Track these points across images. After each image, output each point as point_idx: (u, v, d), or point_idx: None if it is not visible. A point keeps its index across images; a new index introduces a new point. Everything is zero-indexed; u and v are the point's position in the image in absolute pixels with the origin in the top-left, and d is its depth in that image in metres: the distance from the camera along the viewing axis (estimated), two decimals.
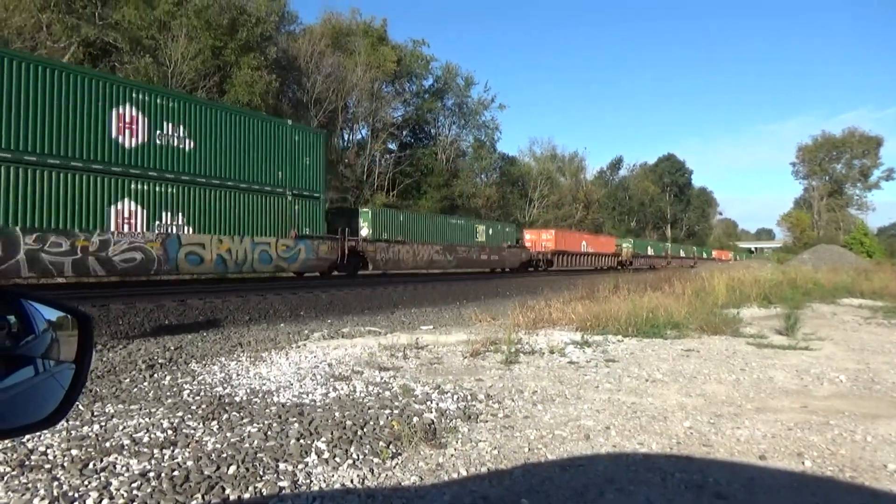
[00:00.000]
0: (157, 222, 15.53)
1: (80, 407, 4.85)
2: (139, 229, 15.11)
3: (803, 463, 3.71)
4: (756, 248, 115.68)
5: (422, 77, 57.09)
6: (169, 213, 15.80)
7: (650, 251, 66.55)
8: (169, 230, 15.78)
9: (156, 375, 6.31)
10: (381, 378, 5.99)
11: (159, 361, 7.19)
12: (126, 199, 14.83)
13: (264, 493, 3.19)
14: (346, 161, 46.56)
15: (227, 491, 3.20)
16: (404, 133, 56.68)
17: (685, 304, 11.45)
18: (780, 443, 4.09)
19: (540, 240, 43.29)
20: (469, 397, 5.19)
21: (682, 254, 76.72)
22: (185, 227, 16.23)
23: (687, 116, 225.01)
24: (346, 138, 50.68)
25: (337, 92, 43.56)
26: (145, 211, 15.29)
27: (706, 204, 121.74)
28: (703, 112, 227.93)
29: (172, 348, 8.21)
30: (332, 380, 5.91)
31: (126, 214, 14.82)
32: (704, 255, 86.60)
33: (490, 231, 36.48)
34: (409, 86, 56.13)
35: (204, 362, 7.12)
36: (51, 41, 27.96)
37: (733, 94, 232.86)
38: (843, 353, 8.07)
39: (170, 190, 15.81)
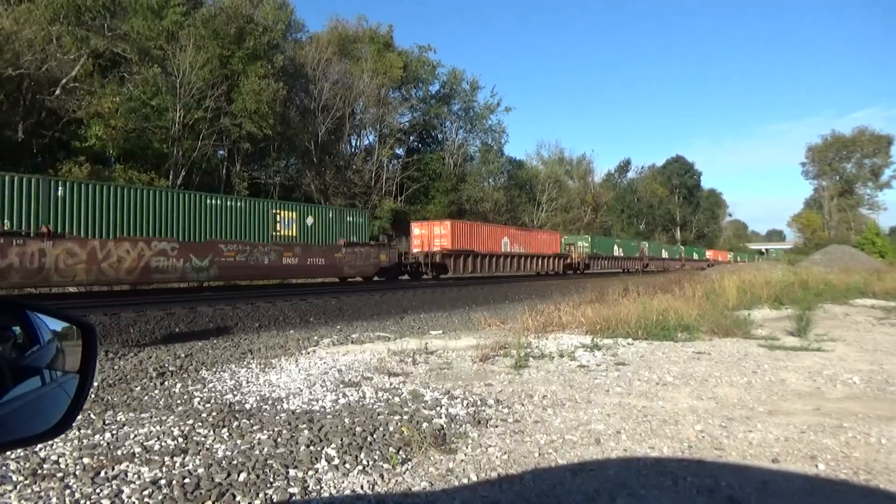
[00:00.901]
0: None
1: (92, 415, 4.88)
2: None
3: (817, 466, 3.67)
4: (766, 250, 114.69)
5: (428, 82, 57.21)
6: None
7: (618, 251, 53.18)
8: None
9: (166, 383, 6.33)
10: (391, 384, 5.99)
11: (170, 369, 7.22)
12: None
13: (275, 500, 3.20)
14: (354, 167, 46.68)
15: (238, 498, 3.21)
16: (411, 138, 56.75)
17: (695, 307, 11.38)
18: (792, 446, 4.05)
19: (432, 236, 31.21)
20: (479, 402, 5.18)
21: (665, 254, 63.58)
22: None
23: (695, 118, 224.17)
24: (353, 144, 50.91)
25: (344, 98, 43.69)
26: None
27: (716, 206, 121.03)
28: (711, 113, 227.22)
29: (183, 356, 8.24)
30: (341, 386, 5.91)
31: None
32: (696, 256, 75.09)
33: (309, 220, 23.10)
34: (416, 91, 56.24)
35: (214, 370, 7.14)
36: (60, 53, 28.21)
37: (742, 95, 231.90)
38: (856, 354, 7.99)
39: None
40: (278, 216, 21.50)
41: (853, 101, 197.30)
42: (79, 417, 1.04)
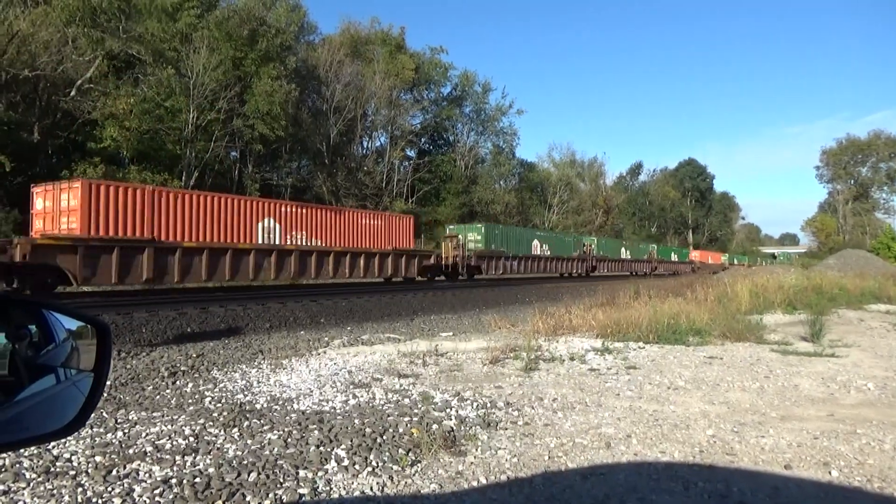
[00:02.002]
0: None
1: (104, 414, 4.92)
2: None
3: (830, 473, 3.64)
4: (775, 254, 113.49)
5: (440, 84, 57.38)
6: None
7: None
8: None
9: (178, 382, 6.38)
10: (401, 385, 5.99)
11: (181, 369, 7.27)
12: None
13: (284, 501, 3.21)
14: (366, 168, 46.83)
15: (248, 498, 3.22)
16: (423, 140, 56.90)
17: (707, 311, 11.31)
18: (805, 452, 4.02)
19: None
20: (489, 405, 5.17)
21: (627, 255, 50.30)
22: None
23: (708, 120, 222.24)
24: (365, 146, 51.08)
25: (356, 100, 43.86)
26: None
27: (728, 209, 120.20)
28: (724, 115, 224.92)
29: (194, 356, 8.29)
30: (351, 387, 5.93)
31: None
32: (675, 258, 60.96)
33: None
34: (428, 93, 56.42)
35: (225, 370, 7.18)
36: (76, 54, 28.51)
37: (755, 97, 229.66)
38: (870, 360, 7.90)
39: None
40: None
41: (869, 103, 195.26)
42: (92, 416, 1.05)
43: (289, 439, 4.15)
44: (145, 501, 3.18)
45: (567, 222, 66.33)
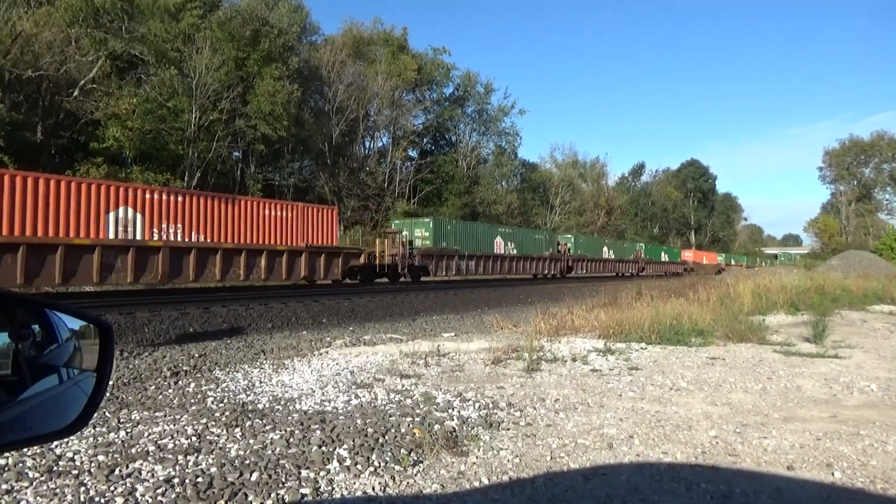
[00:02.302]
0: None
1: (107, 413, 4.93)
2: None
3: (833, 474, 3.63)
4: (776, 255, 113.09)
5: (442, 85, 57.36)
6: None
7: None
8: None
9: (180, 382, 6.38)
10: (403, 385, 5.99)
11: (184, 369, 7.28)
12: None
13: (287, 500, 3.21)
14: (368, 169, 46.85)
15: (250, 497, 3.22)
16: (425, 140, 56.90)
17: (709, 311, 11.29)
18: (808, 453, 4.01)
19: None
20: (491, 405, 5.17)
21: (610, 254, 46.35)
22: None
23: (711, 121, 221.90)
24: (367, 146, 51.09)
25: (358, 101, 43.87)
26: None
27: (731, 210, 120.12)
28: (727, 116, 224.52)
29: (197, 356, 8.30)
30: (353, 387, 5.93)
31: None
32: (665, 258, 57.33)
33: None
34: (430, 94, 56.40)
35: (227, 370, 7.19)
36: (79, 55, 28.56)
37: (758, 98, 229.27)
38: (873, 361, 7.89)
39: None
40: None
41: (872, 104, 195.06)
42: (94, 416, 1.05)
43: (291, 439, 4.15)
44: (148, 501, 3.18)
45: (569, 223, 66.28)
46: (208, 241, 18.21)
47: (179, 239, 17.60)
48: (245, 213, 19.52)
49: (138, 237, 16.72)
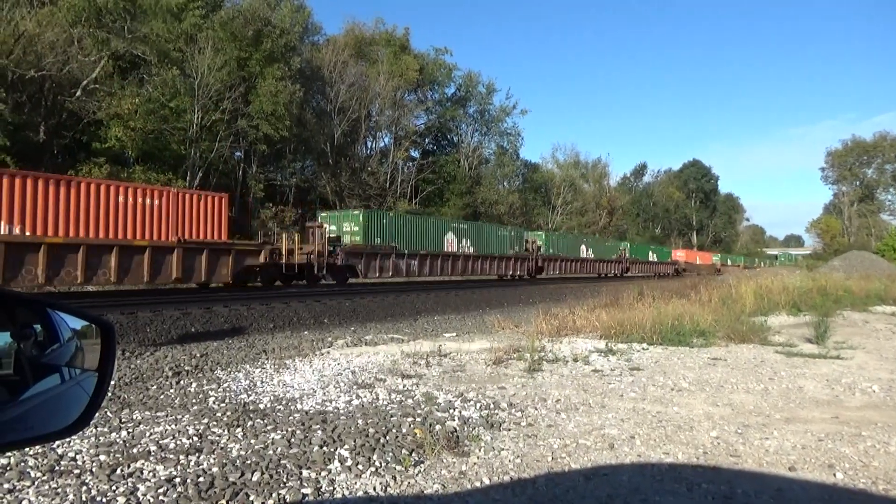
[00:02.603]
0: None
1: (108, 413, 4.93)
2: None
3: (834, 475, 3.62)
4: (776, 256, 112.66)
5: (444, 85, 57.42)
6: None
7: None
8: None
9: (182, 382, 6.39)
10: (404, 386, 6.00)
11: (185, 368, 7.28)
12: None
13: (288, 500, 3.21)
14: (370, 169, 46.87)
15: (252, 497, 3.22)
16: (427, 141, 56.96)
17: (711, 312, 11.28)
18: (810, 454, 4.00)
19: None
20: (492, 405, 5.17)
21: (590, 254, 42.46)
22: None
23: (713, 121, 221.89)
24: (368, 146, 51.12)
25: (360, 101, 43.91)
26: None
27: (733, 210, 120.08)
28: (729, 116, 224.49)
29: (198, 355, 8.31)
30: (355, 387, 5.93)
31: None
32: (654, 258, 54.06)
33: None
34: (432, 94, 56.42)
35: (229, 369, 7.19)
36: (81, 55, 28.61)
37: (760, 98, 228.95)
38: (875, 362, 7.87)
39: None
40: None
41: (874, 104, 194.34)
42: (96, 415, 1.05)
43: (292, 439, 4.16)
44: (149, 500, 3.18)
45: (571, 223, 66.29)
46: (27, 233, 14.47)
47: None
48: (86, 200, 15.83)
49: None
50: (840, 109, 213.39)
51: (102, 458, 3.78)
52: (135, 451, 3.93)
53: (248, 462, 3.70)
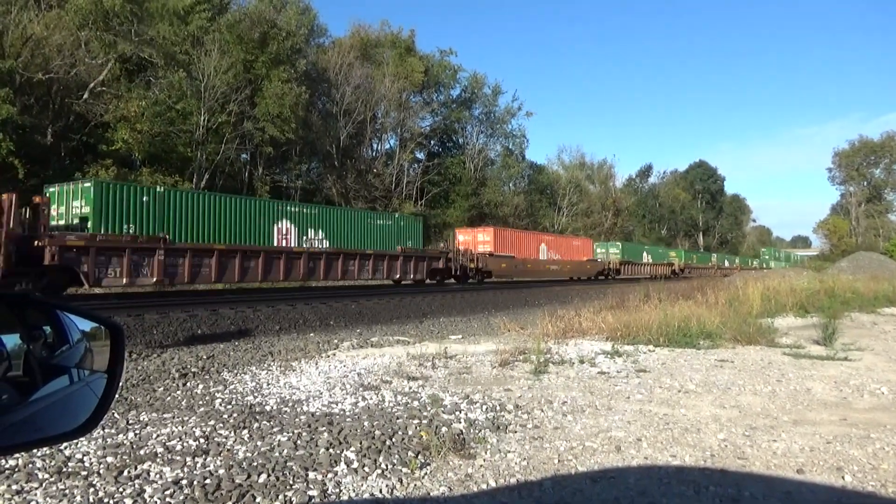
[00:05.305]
0: None
1: (116, 415, 4.95)
2: None
3: (843, 477, 3.60)
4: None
5: (449, 87, 57.35)
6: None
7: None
8: None
9: (188, 384, 6.40)
10: (410, 388, 5.99)
11: (192, 370, 7.30)
12: None
13: (294, 502, 3.21)
14: (375, 171, 46.91)
15: (258, 499, 3.23)
16: (432, 142, 56.90)
17: (718, 314, 11.24)
18: (818, 456, 3.98)
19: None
20: (498, 407, 5.16)
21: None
22: None
23: (719, 121, 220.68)
24: (374, 148, 51.15)
25: (365, 103, 43.96)
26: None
27: (739, 211, 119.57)
28: (736, 117, 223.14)
29: (205, 357, 8.34)
30: (361, 389, 5.93)
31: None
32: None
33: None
34: (437, 96, 56.38)
35: (235, 371, 7.21)
36: (89, 58, 28.76)
37: (768, 98, 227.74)
38: (884, 363, 7.82)
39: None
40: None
41: (882, 104, 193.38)
42: (105, 417, 1.06)
43: (298, 441, 4.16)
44: (156, 502, 3.19)
45: (576, 224, 66.14)
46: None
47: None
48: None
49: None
50: (848, 109, 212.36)
51: (110, 459, 3.80)
52: (142, 452, 3.94)
53: (255, 464, 3.70)
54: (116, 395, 5.56)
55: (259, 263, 19.40)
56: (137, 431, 4.46)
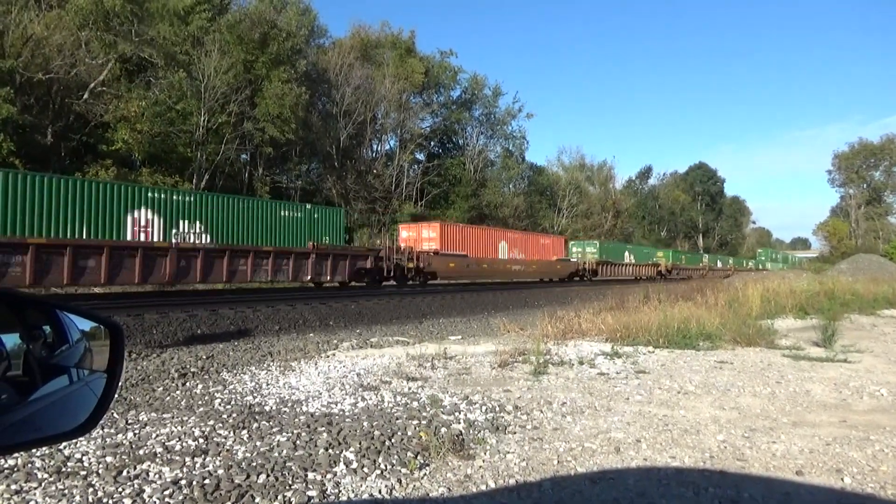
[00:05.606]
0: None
1: (115, 415, 4.95)
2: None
3: (842, 479, 3.60)
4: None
5: (449, 88, 57.36)
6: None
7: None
8: None
9: (188, 384, 6.40)
10: (410, 388, 5.99)
11: (191, 370, 7.30)
12: None
13: (293, 503, 3.21)
14: (375, 171, 46.91)
15: (257, 500, 3.23)
16: (432, 143, 56.89)
17: (717, 315, 11.24)
18: (817, 458, 3.98)
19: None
20: (497, 408, 5.16)
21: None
22: None
23: (719, 123, 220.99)
24: (374, 149, 51.15)
25: (366, 103, 43.97)
26: None
27: (739, 213, 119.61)
28: (736, 119, 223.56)
29: (204, 357, 8.33)
30: (360, 390, 5.93)
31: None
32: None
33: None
34: (437, 97, 56.39)
35: (235, 371, 7.21)
36: (89, 58, 28.76)
37: (768, 100, 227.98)
38: (883, 365, 7.83)
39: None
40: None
41: (882, 106, 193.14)
42: (104, 416, 1.06)
43: (298, 441, 4.16)
44: (156, 502, 3.19)
45: (576, 226, 66.12)
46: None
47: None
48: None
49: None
50: (848, 112, 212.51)
51: (109, 459, 3.79)
52: (141, 452, 3.94)
53: (254, 464, 3.70)
54: (116, 395, 5.56)
55: (102, 262, 15.03)
56: (136, 431, 4.46)
